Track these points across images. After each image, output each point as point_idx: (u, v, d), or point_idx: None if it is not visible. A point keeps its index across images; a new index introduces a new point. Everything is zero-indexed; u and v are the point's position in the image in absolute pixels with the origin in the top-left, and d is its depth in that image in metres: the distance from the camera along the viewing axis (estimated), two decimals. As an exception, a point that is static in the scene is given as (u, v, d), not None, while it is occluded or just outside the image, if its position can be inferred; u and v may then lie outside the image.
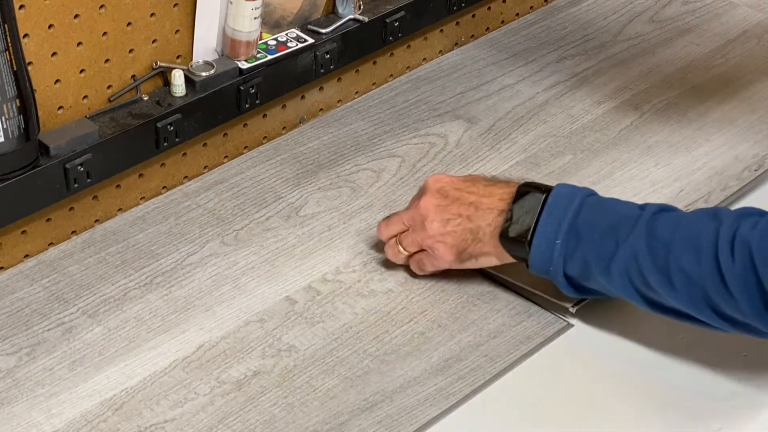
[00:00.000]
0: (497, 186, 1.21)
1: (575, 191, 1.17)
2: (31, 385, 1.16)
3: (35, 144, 1.22)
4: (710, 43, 1.68)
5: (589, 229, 1.14)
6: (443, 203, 1.22)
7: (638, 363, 1.20)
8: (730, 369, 1.20)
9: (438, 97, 1.57)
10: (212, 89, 1.35)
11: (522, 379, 1.19)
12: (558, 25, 1.72)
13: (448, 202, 1.22)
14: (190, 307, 1.25)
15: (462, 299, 1.26)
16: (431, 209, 1.22)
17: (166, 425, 1.12)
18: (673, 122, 1.52)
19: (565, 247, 1.15)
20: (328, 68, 1.47)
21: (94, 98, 1.30)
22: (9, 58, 1.15)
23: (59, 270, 1.29)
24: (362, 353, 1.20)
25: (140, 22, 1.31)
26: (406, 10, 1.52)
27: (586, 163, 1.45)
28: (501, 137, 1.50)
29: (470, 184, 1.23)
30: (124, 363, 1.18)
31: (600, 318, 1.25)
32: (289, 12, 1.44)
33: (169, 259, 1.31)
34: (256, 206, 1.38)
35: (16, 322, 1.22)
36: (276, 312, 1.24)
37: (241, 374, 1.17)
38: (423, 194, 1.24)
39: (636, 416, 1.15)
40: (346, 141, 1.49)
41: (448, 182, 1.23)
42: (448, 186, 1.23)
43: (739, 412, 1.15)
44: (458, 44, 1.68)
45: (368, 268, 1.30)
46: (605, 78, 1.61)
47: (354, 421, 1.13)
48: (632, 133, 1.51)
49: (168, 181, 1.41)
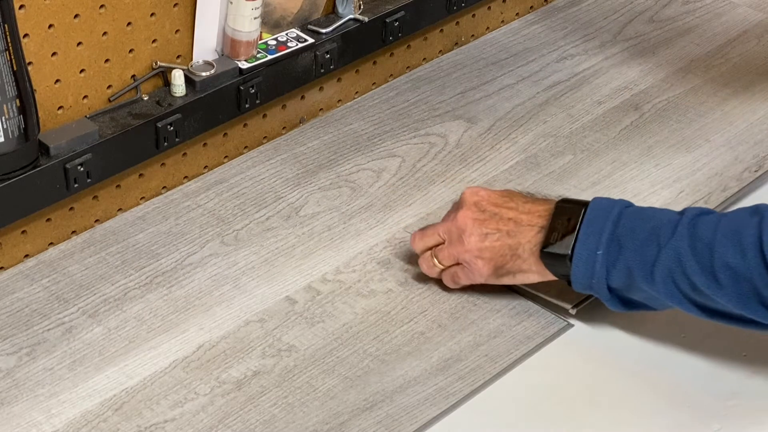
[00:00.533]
0: (536, 203, 1.21)
1: (613, 203, 1.16)
2: (31, 385, 1.16)
3: (35, 144, 1.22)
4: (710, 43, 1.68)
5: (630, 236, 1.13)
6: (481, 217, 1.20)
7: (638, 363, 1.20)
8: (730, 369, 1.20)
9: (438, 97, 1.57)
10: (212, 89, 1.35)
11: (522, 379, 1.18)
12: (558, 25, 1.72)
13: (486, 217, 1.20)
14: (190, 307, 1.25)
15: (462, 299, 1.26)
16: (469, 223, 1.21)
17: (166, 425, 1.12)
18: (673, 122, 1.53)
19: (607, 257, 1.13)
20: (328, 68, 1.47)
21: (94, 98, 1.30)
22: (9, 58, 1.15)
23: (59, 270, 1.29)
24: (362, 353, 1.20)
25: (140, 22, 1.31)
26: (406, 10, 1.52)
27: (586, 163, 1.45)
28: (501, 137, 1.50)
29: (508, 200, 1.21)
30: (124, 363, 1.18)
31: (600, 318, 1.25)
32: (289, 12, 1.44)
33: (169, 259, 1.31)
34: (256, 206, 1.38)
35: (16, 322, 1.22)
36: (276, 312, 1.24)
37: (241, 374, 1.17)
38: (460, 207, 1.23)
39: (636, 416, 1.15)
40: (346, 141, 1.49)
41: (486, 196, 1.22)
42: (485, 200, 1.21)
43: (739, 412, 1.15)
44: (458, 44, 1.68)
45: (368, 268, 1.30)
46: (605, 78, 1.61)
47: (354, 421, 1.13)
48: (632, 133, 1.51)
49: (168, 181, 1.41)
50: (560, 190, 1.39)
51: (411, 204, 1.39)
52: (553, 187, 1.40)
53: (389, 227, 1.36)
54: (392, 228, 1.36)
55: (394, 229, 1.36)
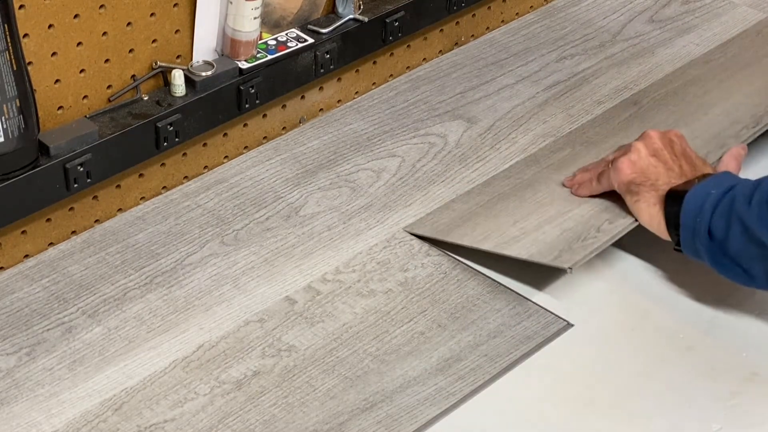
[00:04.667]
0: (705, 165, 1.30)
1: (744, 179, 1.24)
2: (31, 385, 1.16)
3: (35, 144, 1.22)
4: (710, 43, 1.68)
5: (745, 186, 1.20)
6: (661, 145, 1.30)
7: (638, 363, 1.20)
8: (730, 369, 1.20)
9: (438, 97, 1.57)
10: (212, 89, 1.35)
11: (522, 379, 1.19)
12: (558, 25, 1.72)
13: (665, 147, 1.30)
14: (190, 307, 1.25)
15: (462, 299, 1.26)
16: (652, 140, 1.30)
17: (166, 425, 1.12)
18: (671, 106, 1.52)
19: (718, 199, 1.20)
20: (328, 68, 1.47)
21: (94, 98, 1.30)
22: (9, 58, 1.15)
23: (59, 270, 1.29)
24: (362, 353, 1.20)
25: (140, 22, 1.31)
26: (406, 10, 1.52)
27: (585, 152, 1.45)
28: (501, 137, 1.50)
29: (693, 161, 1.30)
30: (124, 363, 1.18)
31: (600, 318, 1.25)
32: (289, 12, 1.44)
33: (169, 259, 1.31)
34: (256, 206, 1.38)
35: (16, 322, 1.22)
36: (276, 312, 1.24)
37: (241, 374, 1.17)
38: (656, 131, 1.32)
39: (636, 416, 1.15)
40: (346, 141, 1.49)
41: (681, 141, 1.32)
42: (678, 143, 1.31)
43: (739, 412, 1.15)
44: (458, 44, 1.68)
45: (368, 268, 1.30)
46: (605, 78, 1.61)
47: (354, 421, 1.13)
48: (631, 122, 1.50)
49: (168, 181, 1.41)
50: (559, 178, 1.39)
51: (411, 204, 1.39)
52: (551, 176, 1.40)
53: (389, 227, 1.36)
54: (392, 228, 1.36)
55: (394, 229, 1.36)
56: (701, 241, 1.20)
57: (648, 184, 1.27)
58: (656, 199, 1.26)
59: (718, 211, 1.19)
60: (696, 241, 1.21)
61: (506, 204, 1.36)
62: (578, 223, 1.30)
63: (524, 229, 1.30)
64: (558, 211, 1.33)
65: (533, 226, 1.30)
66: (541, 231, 1.29)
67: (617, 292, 1.29)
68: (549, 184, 1.38)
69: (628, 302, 1.28)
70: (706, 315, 1.25)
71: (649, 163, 1.28)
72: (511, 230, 1.31)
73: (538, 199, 1.36)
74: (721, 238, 1.19)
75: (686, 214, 1.22)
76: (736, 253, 1.18)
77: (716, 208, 1.20)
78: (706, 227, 1.20)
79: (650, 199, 1.26)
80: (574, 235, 1.28)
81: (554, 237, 1.28)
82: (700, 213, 1.20)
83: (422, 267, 1.30)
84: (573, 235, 1.28)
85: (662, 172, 1.28)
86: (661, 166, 1.28)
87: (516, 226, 1.31)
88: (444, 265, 1.31)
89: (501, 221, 1.33)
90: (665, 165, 1.28)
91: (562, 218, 1.31)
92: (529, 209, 1.34)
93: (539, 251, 1.26)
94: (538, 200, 1.36)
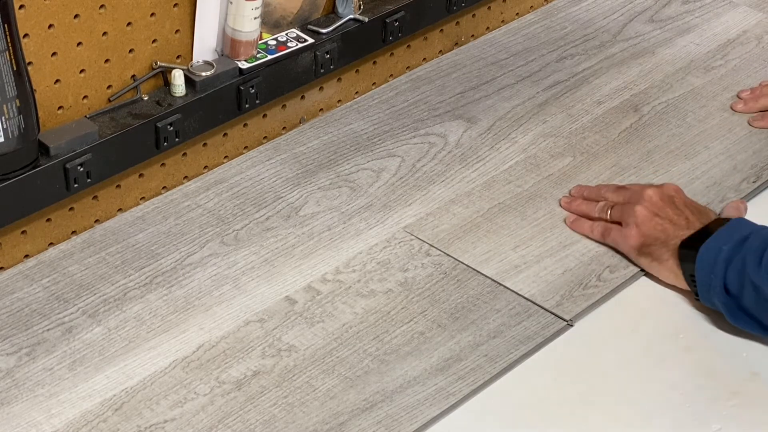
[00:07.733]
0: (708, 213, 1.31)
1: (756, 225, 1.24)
2: (31, 385, 1.16)
3: (35, 144, 1.22)
4: (710, 43, 1.68)
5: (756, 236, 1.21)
6: (666, 202, 1.30)
7: (638, 363, 1.20)
8: (730, 369, 1.20)
9: (438, 97, 1.57)
10: (212, 89, 1.35)
11: (522, 379, 1.19)
12: (558, 25, 1.72)
13: (670, 205, 1.30)
14: (190, 307, 1.25)
15: (462, 299, 1.26)
16: (655, 198, 1.30)
17: (166, 425, 1.12)
18: (672, 126, 1.52)
19: (730, 255, 1.20)
20: (328, 68, 1.47)
21: (94, 98, 1.30)
22: (9, 58, 1.15)
23: (59, 270, 1.29)
24: (362, 353, 1.20)
25: (140, 22, 1.31)
26: (406, 10, 1.52)
27: (585, 166, 1.45)
28: (501, 137, 1.50)
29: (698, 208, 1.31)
30: (124, 363, 1.18)
31: (600, 318, 1.25)
32: (289, 12, 1.44)
33: (169, 259, 1.31)
34: (256, 206, 1.38)
35: (16, 322, 1.22)
36: (276, 312, 1.24)
37: (241, 374, 1.17)
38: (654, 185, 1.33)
39: (636, 416, 1.15)
40: (346, 141, 1.49)
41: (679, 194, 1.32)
42: (677, 197, 1.31)
43: (739, 412, 1.15)
44: (458, 44, 1.68)
45: (368, 268, 1.30)
46: (605, 78, 1.61)
47: (354, 421, 1.13)
48: (632, 136, 1.50)
49: (168, 181, 1.41)
50: (558, 194, 1.40)
51: (411, 204, 1.39)
52: (551, 191, 1.40)
53: (389, 227, 1.36)
54: (392, 228, 1.36)
55: (394, 229, 1.36)
56: (718, 297, 1.21)
57: (658, 244, 1.28)
58: (669, 254, 1.27)
59: (731, 267, 1.20)
60: (713, 296, 1.21)
61: (507, 219, 1.36)
62: (579, 264, 1.31)
63: (525, 258, 1.31)
64: (559, 242, 1.33)
65: (534, 257, 1.31)
66: (542, 265, 1.30)
67: (617, 292, 1.29)
68: (549, 201, 1.39)
69: (628, 302, 1.28)
70: (706, 315, 1.25)
71: (655, 223, 1.28)
72: (512, 256, 1.31)
73: (539, 220, 1.36)
74: (737, 295, 1.20)
75: (700, 271, 1.22)
76: (752, 310, 1.19)
77: (729, 264, 1.20)
78: (722, 284, 1.20)
79: (663, 255, 1.27)
80: (575, 279, 1.29)
81: (556, 276, 1.29)
82: (713, 270, 1.21)
83: (422, 267, 1.31)
84: (574, 279, 1.29)
85: (669, 229, 1.28)
86: (667, 222, 1.28)
87: (517, 252, 1.32)
88: (444, 265, 1.31)
89: (502, 241, 1.33)
90: (671, 221, 1.28)
91: (563, 252, 1.32)
92: (530, 232, 1.35)
93: (540, 291, 1.27)
94: (538, 221, 1.36)
